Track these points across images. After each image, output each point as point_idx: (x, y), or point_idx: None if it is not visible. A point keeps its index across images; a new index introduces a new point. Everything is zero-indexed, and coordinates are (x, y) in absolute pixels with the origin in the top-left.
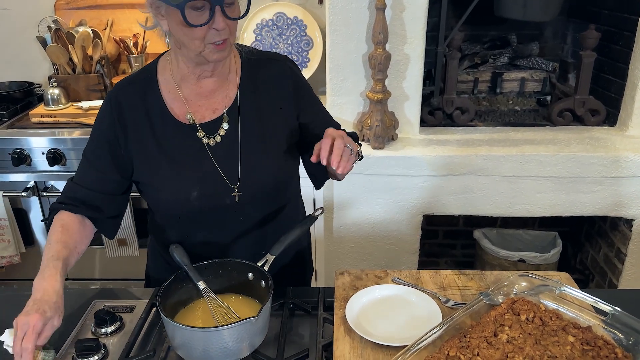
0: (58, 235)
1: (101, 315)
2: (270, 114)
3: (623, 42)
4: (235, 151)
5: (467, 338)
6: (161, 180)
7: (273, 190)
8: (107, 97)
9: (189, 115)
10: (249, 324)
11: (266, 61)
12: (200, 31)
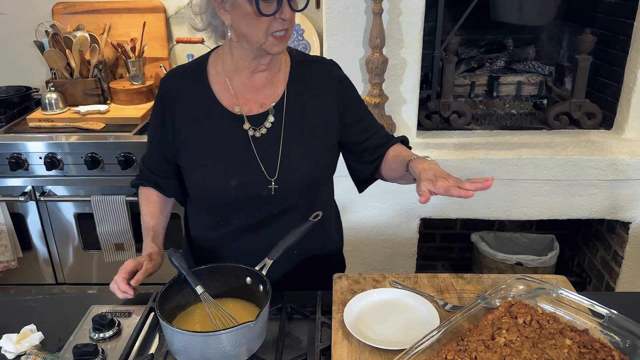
0: (144, 208)
1: (99, 320)
2: (314, 113)
3: (618, 46)
4: (276, 145)
5: (464, 341)
6: (204, 166)
7: (308, 187)
8: (160, 85)
9: (237, 107)
10: (247, 329)
11: (313, 63)
12: (266, 22)
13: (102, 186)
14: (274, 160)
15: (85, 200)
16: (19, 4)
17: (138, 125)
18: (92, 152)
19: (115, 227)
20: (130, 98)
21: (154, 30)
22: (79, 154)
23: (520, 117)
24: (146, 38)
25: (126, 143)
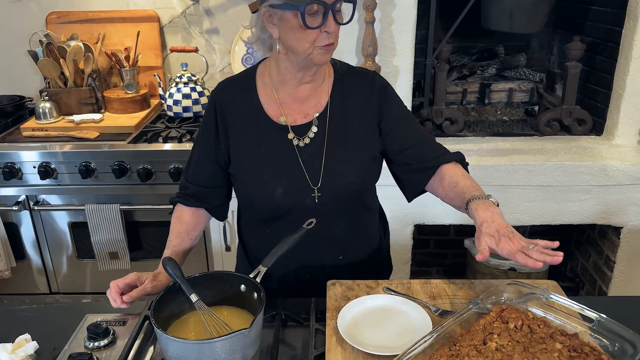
0: (173, 226)
1: (94, 329)
2: (356, 123)
3: (607, 53)
4: (320, 154)
5: (456, 347)
6: (252, 174)
7: (351, 195)
8: (210, 97)
9: (282, 118)
10: (241, 336)
11: (356, 74)
12: (312, 34)
13: (96, 195)
14: (318, 169)
15: (80, 209)
16: (12, 14)
17: (132, 134)
18: (86, 161)
19: (109, 236)
20: (124, 107)
21: (148, 39)
22: (73, 163)
23: (511, 123)
24: (140, 47)
25: (120, 152)
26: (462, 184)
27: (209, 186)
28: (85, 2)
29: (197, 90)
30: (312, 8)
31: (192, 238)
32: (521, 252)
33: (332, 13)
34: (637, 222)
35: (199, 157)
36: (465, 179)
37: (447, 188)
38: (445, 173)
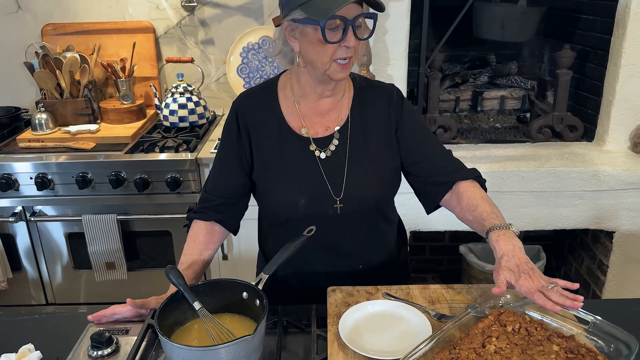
0: (186, 246)
1: (97, 338)
2: (375, 136)
3: (597, 61)
4: (342, 166)
5: (456, 350)
6: (275, 185)
7: (372, 206)
8: (232, 107)
9: (304, 130)
10: (245, 342)
11: (375, 88)
12: (331, 48)
13: (92, 205)
14: (340, 180)
15: (76, 220)
16: (7, 26)
17: (129, 144)
18: (83, 171)
19: (106, 246)
20: (120, 117)
21: (144, 50)
22: (69, 173)
23: (504, 130)
24: (136, 58)
25: (117, 162)
26: (481, 208)
27: (230, 197)
28: (80, 14)
29: (193, 100)
30: (333, 23)
31: (205, 257)
32: (540, 292)
33: (352, 28)
34: (629, 227)
35: (222, 167)
36: (485, 203)
37: (464, 209)
38: (463, 192)
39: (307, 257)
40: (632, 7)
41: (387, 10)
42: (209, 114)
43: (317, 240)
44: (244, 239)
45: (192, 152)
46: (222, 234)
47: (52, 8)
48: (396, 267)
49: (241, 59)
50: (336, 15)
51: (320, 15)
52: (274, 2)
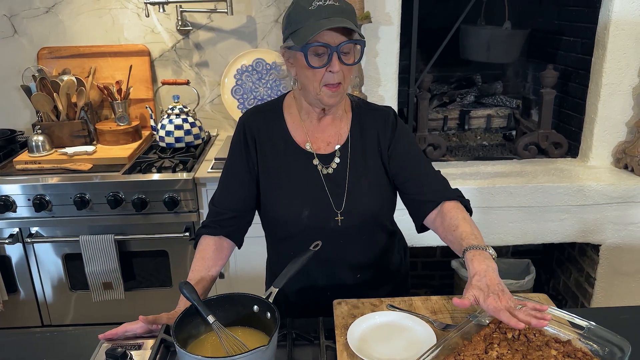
0: (195, 263)
1: (111, 354)
2: (373, 155)
3: (579, 80)
4: (343, 182)
5: (460, 356)
6: (279, 197)
7: (371, 220)
8: (240, 122)
9: (309, 144)
10: (260, 353)
11: (373, 111)
12: (319, 73)
13: (90, 226)
14: (341, 194)
15: (73, 241)
16: (3, 50)
17: (125, 164)
18: (80, 192)
19: (103, 266)
20: (116, 138)
21: (139, 72)
22: (67, 194)
23: (491, 148)
24: (131, 80)
25: (114, 182)
26: (461, 229)
27: (240, 209)
28: (76, 38)
29: (189, 121)
30: (318, 50)
31: (212, 274)
32: (507, 310)
33: (337, 54)
34: (614, 240)
35: (231, 180)
36: (465, 224)
37: (446, 229)
38: (446, 213)
39: (308, 269)
40: (611, 29)
41: (377, 33)
42: (204, 135)
43: (318, 252)
44: (240, 257)
45: (189, 172)
46: (229, 249)
47: (47, 32)
48: (397, 280)
49: (235, 81)
50: (319, 43)
51: (301, 42)
52: (266, 26)
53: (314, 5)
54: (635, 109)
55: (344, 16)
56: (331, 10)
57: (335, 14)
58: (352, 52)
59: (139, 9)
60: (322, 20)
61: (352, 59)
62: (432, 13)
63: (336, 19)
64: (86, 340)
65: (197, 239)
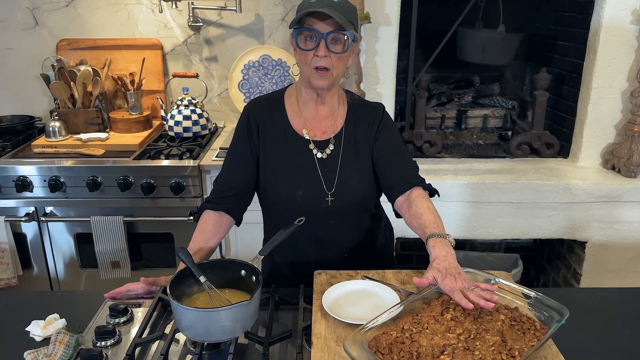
0: (195, 234)
1: (115, 308)
2: (364, 144)
3: (572, 83)
4: (335, 167)
5: (418, 317)
6: (277, 178)
7: (358, 202)
8: (245, 110)
9: (305, 131)
10: (243, 306)
11: (366, 106)
12: (309, 55)
13: (101, 207)
14: (333, 178)
15: (85, 221)
16: (25, 41)
17: (136, 151)
18: (93, 175)
19: (112, 246)
20: (128, 127)
21: (152, 65)
22: (80, 177)
23: (486, 147)
24: (144, 72)
25: (125, 167)
26: (425, 217)
27: (241, 188)
28: (94, 31)
29: (197, 112)
30: (308, 34)
31: (211, 245)
32: (460, 291)
33: (324, 41)
34: (599, 237)
35: (234, 162)
36: (429, 213)
37: (412, 216)
38: (412, 201)
39: (300, 246)
40: (601, 35)
41: (377, 33)
42: (211, 126)
43: (309, 230)
44: (241, 242)
45: (195, 159)
46: (228, 224)
47: (67, 24)
48: (382, 262)
49: (242, 76)
50: (308, 27)
51: (292, 25)
52: (273, 24)
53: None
54: (624, 112)
55: (339, 10)
56: (327, 2)
57: (329, 5)
58: (342, 42)
59: (153, 4)
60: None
61: (340, 48)
62: (433, 16)
63: (326, 9)
64: (93, 299)
65: (199, 212)
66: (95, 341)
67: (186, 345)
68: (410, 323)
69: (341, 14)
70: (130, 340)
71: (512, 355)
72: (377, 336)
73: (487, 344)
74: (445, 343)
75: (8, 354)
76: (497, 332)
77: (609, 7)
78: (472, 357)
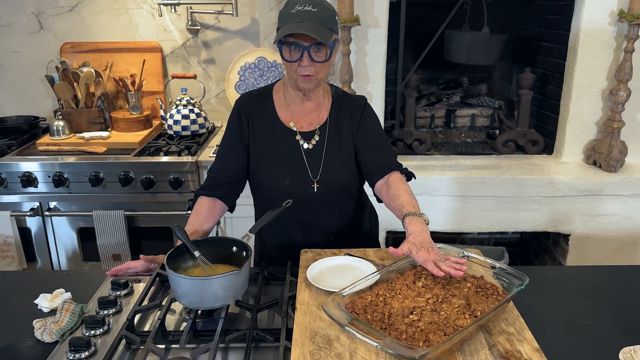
0: (190, 218)
1: (116, 282)
2: (347, 135)
3: (555, 83)
4: (320, 156)
5: (392, 284)
6: (266, 167)
7: (342, 189)
8: (235, 104)
9: (292, 123)
10: (233, 275)
11: (349, 100)
12: (294, 66)
13: (103, 202)
14: (318, 166)
15: (87, 215)
16: (30, 44)
17: (136, 149)
18: (95, 171)
19: (113, 239)
20: (129, 126)
21: (152, 67)
22: (83, 172)
23: (474, 144)
24: (144, 74)
25: (126, 163)
26: (402, 198)
27: (230, 176)
28: (96, 34)
29: (195, 111)
30: (290, 47)
31: (205, 228)
32: (432, 262)
33: (307, 52)
34: (582, 230)
35: (226, 152)
36: (406, 195)
37: (390, 197)
38: (390, 184)
39: (289, 230)
40: (582, 36)
41: (366, 35)
42: (208, 125)
43: (297, 215)
44: (237, 231)
45: (193, 155)
46: (221, 209)
47: (70, 28)
48: (366, 245)
49: (239, 77)
50: (291, 42)
51: (277, 39)
52: (269, 27)
53: (295, 10)
54: (604, 110)
55: (318, 22)
56: (306, 16)
57: (309, 19)
58: (324, 50)
59: (153, 9)
60: (294, 23)
61: (322, 56)
62: (421, 19)
63: (306, 24)
64: (95, 277)
65: (194, 199)
66: (99, 310)
67: (181, 315)
68: (384, 289)
69: (321, 25)
70: (130, 310)
71: (475, 315)
72: (353, 299)
73: (453, 306)
74: (414, 305)
75: (19, 323)
76: (462, 297)
77: (587, 9)
78: (438, 317)
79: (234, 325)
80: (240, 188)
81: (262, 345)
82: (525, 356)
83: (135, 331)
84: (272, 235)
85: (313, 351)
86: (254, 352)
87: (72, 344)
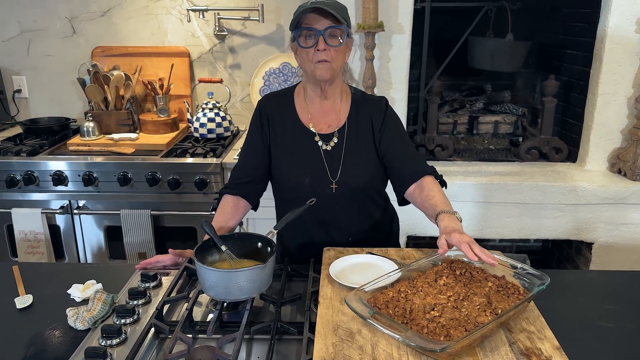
0: (216, 215)
1: (145, 274)
2: (366, 137)
3: (579, 90)
4: (339, 158)
5: (414, 282)
6: (286, 166)
7: (360, 191)
8: (258, 105)
9: (312, 124)
10: (259, 269)
11: (368, 101)
12: (310, 52)
13: (130, 202)
14: (337, 168)
15: (115, 214)
16: (63, 48)
17: (163, 150)
18: (124, 171)
19: (139, 238)
20: (157, 128)
21: (179, 71)
22: (112, 172)
23: (497, 151)
24: (172, 78)
25: (153, 164)
26: (436, 198)
27: (255, 176)
28: (126, 39)
29: (221, 115)
30: (306, 33)
31: (231, 225)
32: (467, 244)
33: (322, 37)
34: (606, 238)
35: (249, 152)
36: (440, 195)
37: (424, 198)
38: (424, 186)
39: (307, 229)
40: (607, 43)
41: (390, 41)
42: (233, 128)
43: (316, 215)
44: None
45: (218, 157)
46: (245, 208)
47: (102, 33)
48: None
49: (263, 82)
50: (307, 26)
51: (291, 27)
52: None
53: (309, 2)
54: (630, 117)
55: (331, 8)
56: (320, 3)
57: (322, 4)
58: (339, 36)
59: (182, 15)
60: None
61: (337, 42)
62: (445, 26)
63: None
64: (124, 270)
65: (219, 197)
66: (129, 300)
67: (208, 307)
68: (406, 286)
69: (335, 10)
70: (159, 301)
71: (496, 313)
72: (375, 295)
73: (474, 304)
74: (436, 302)
75: (52, 311)
76: (484, 296)
77: (613, 16)
78: (459, 313)
79: (258, 317)
80: (263, 187)
81: (286, 337)
82: (546, 354)
83: (164, 321)
84: (293, 235)
85: (336, 343)
86: (277, 344)
87: (104, 330)
